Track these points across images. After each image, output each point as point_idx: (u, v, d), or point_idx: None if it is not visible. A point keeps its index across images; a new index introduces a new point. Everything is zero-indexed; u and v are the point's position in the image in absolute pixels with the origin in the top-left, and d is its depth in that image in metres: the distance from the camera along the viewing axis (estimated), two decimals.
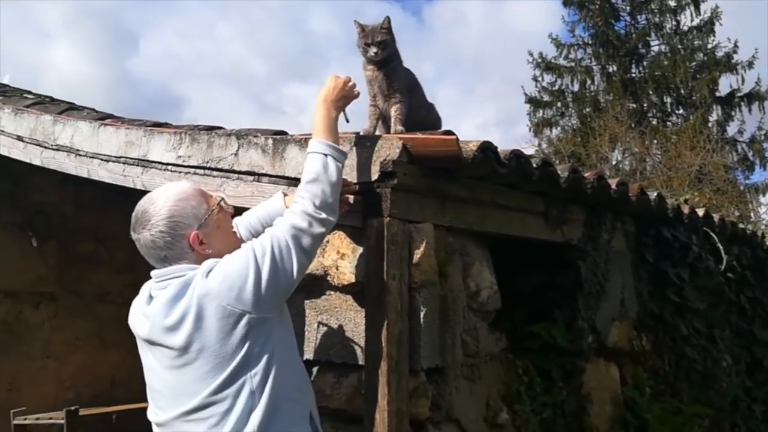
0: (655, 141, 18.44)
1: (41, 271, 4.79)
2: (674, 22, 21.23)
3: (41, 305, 4.80)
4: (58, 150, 3.44)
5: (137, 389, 2.07)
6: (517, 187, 2.77)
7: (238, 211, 2.35)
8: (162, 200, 1.94)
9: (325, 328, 2.41)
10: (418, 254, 2.30)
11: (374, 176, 2.25)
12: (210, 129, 2.83)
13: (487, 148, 2.34)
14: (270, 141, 2.54)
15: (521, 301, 3.20)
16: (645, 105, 21.50)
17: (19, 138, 3.64)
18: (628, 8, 21.74)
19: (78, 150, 3.31)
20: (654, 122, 20.65)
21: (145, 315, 1.90)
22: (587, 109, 21.07)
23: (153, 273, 1.96)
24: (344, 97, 2.26)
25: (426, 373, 2.33)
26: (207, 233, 1.94)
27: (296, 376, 1.96)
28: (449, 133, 2.30)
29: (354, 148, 2.32)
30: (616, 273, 3.49)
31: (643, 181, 13.91)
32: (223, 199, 2.09)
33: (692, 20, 20.74)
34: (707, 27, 20.49)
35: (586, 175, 3.06)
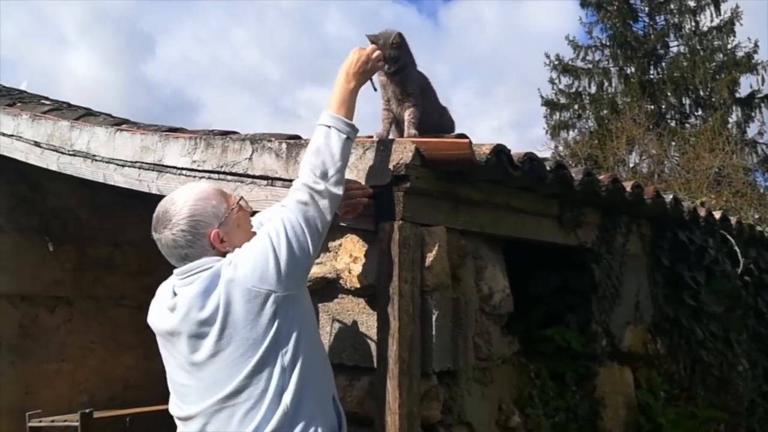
0: (674, 143, 18.29)
1: (57, 275, 4.84)
2: (693, 23, 21.08)
3: (57, 309, 4.85)
4: (74, 155, 3.48)
5: (151, 392, 2.10)
6: (531, 190, 2.77)
7: (252, 215, 2.38)
8: (182, 200, 1.98)
9: (337, 329, 2.43)
10: (430, 257, 2.31)
11: (387, 180, 2.26)
12: (224, 134, 2.86)
13: (500, 151, 2.34)
14: (284, 146, 2.56)
15: (535, 305, 3.19)
16: (663, 107, 21.36)
17: (37, 144, 3.69)
18: (646, 9, 21.63)
19: (94, 155, 3.35)
20: (672, 124, 20.49)
21: (170, 308, 1.92)
22: (604, 112, 20.95)
23: (176, 270, 1.99)
24: (366, 70, 2.27)
25: (438, 376, 2.34)
26: (227, 231, 1.98)
27: (321, 355, 2.03)
28: (462, 136, 2.31)
29: (367, 152, 2.33)
30: (631, 276, 3.47)
31: (660, 183, 13.82)
32: (242, 198, 2.12)
33: (712, 20, 20.60)
34: (727, 27, 20.31)
35: (601, 177, 3.05)
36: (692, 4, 20.85)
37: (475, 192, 2.53)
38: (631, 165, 18.18)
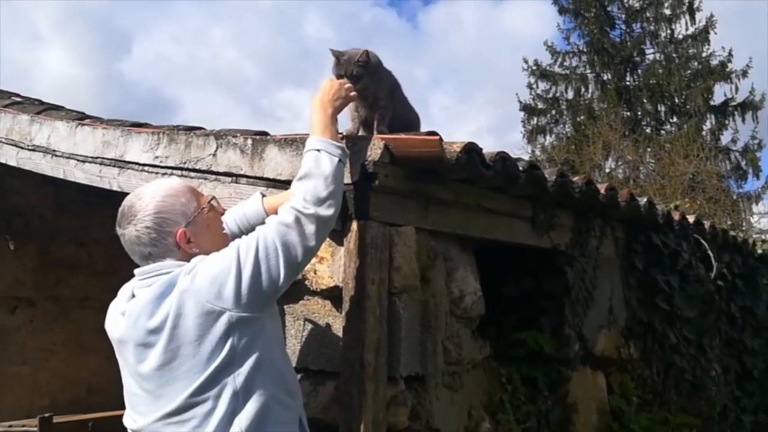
0: (649, 149, 18.45)
1: (18, 275, 4.67)
2: (669, 31, 21.28)
3: (18, 310, 4.67)
4: (34, 150, 3.36)
5: (115, 396, 2.00)
6: (503, 190, 2.71)
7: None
8: (150, 195, 1.88)
9: (302, 332, 2.34)
10: (398, 258, 2.24)
11: (355, 177, 2.18)
12: (190, 129, 2.76)
13: (471, 149, 2.28)
14: (249, 141, 2.48)
15: (508, 308, 3.13)
16: (639, 113, 21.53)
17: None
18: (623, 16, 21.80)
19: (54, 150, 3.23)
20: (648, 130, 20.68)
21: (123, 313, 1.82)
22: (581, 117, 21.07)
23: (137, 270, 1.89)
24: (340, 97, 2.16)
25: (405, 381, 2.26)
26: (195, 232, 1.87)
27: (287, 379, 1.89)
28: (433, 134, 2.24)
29: None
30: (604, 280, 3.43)
31: (636, 188, 13.89)
32: (214, 197, 2.01)
33: (687, 29, 20.82)
34: (702, 35, 20.54)
35: (575, 179, 3.00)
36: (668, 12, 21.07)
37: (446, 192, 2.46)
38: (607, 171, 18.30)
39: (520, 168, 2.58)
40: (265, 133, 2.57)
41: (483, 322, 3.02)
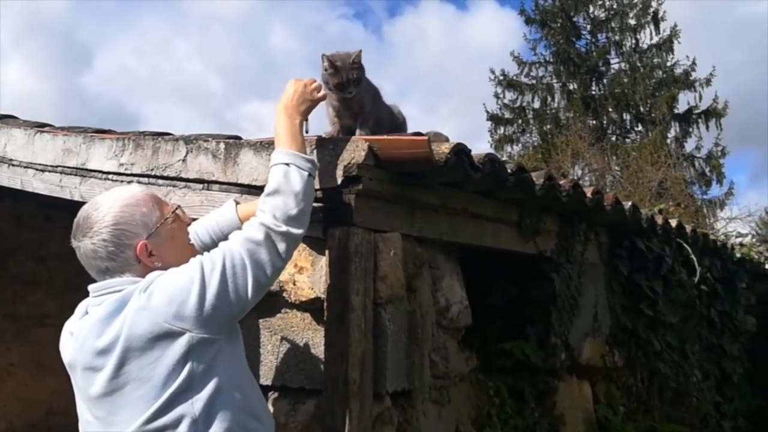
0: (615, 157, 18.62)
1: None
2: (634, 41, 21.57)
3: None
4: None
5: (77, 418, 1.83)
6: (491, 195, 2.60)
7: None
8: (107, 205, 1.72)
9: (279, 347, 2.19)
10: (384, 267, 2.11)
11: (337, 181, 2.05)
12: (158, 135, 2.60)
13: (460, 150, 2.16)
14: (222, 146, 2.33)
15: (493, 317, 3.02)
16: (605, 122, 21.76)
17: None
18: (589, 27, 22.05)
19: (11, 160, 3.04)
20: (614, 139, 20.89)
21: (71, 333, 1.67)
22: (548, 126, 21.22)
23: (90, 287, 1.73)
24: (306, 100, 2.01)
25: (391, 397, 2.13)
26: (157, 244, 1.72)
27: (251, 402, 1.73)
28: (419, 134, 2.12)
29: (315, 152, 2.11)
30: (589, 286, 3.34)
31: None
32: (179, 207, 1.86)
33: (651, 38, 21.11)
34: (666, 45, 20.84)
35: (561, 182, 2.91)
36: (633, 22, 21.36)
37: (432, 196, 2.35)
38: (575, 178, 18.41)
39: (509, 170, 2.48)
40: (238, 138, 2.43)
41: (468, 332, 2.91)
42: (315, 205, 2.05)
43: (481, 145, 21.56)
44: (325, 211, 2.07)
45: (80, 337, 1.64)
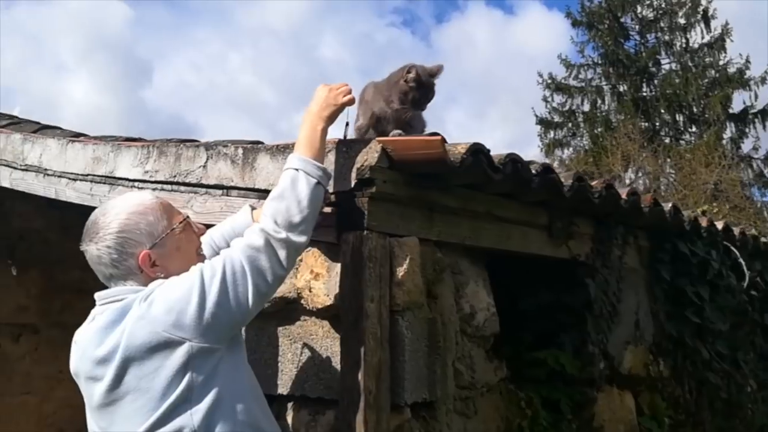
0: (669, 159, 18.13)
1: (22, 301, 4.51)
2: (684, 40, 21.09)
3: (21, 338, 4.51)
4: (26, 170, 3.21)
5: None
6: (516, 197, 2.51)
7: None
8: (114, 212, 1.71)
9: (299, 356, 2.14)
10: (401, 272, 2.03)
11: (350, 184, 2.00)
12: (180, 142, 2.60)
13: (477, 150, 2.08)
14: (240, 151, 2.30)
15: (525, 324, 2.91)
16: (657, 124, 21.27)
17: None
18: (637, 27, 21.63)
19: (46, 169, 3.08)
20: (667, 141, 20.37)
21: (75, 341, 1.67)
22: (599, 129, 20.85)
23: (96, 295, 1.72)
24: (330, 105, 1.96)
25: (412, 408, 2.05)
26: (162, 254, 1.69)
27: (253, 414, 1.68)
28: (435, 134, 2.04)
29: (328, 154, 2.06)
30: (629, 292, 3.20)
31: None
32: (188, 217, 1.83)
33: (702, 37, 20.61)
34: (718, 44, 20.29)
35: (594, 183, 2.79)
36: (682, 21, 20.87)
37: (452, 199, 2.26)
38: (627, 182, 17.99)
39: (533, 171, 2.38)
40: (257, 143, 2.40)
41: (498, 341, 2.82)
42: (327, 209, 2.01)
43: (531, 150, 21.26)
44: (339, 215, 2.02)
45: (82, 346, 1.64)
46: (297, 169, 1.81)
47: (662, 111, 20.92)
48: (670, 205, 3.28)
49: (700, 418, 3.50)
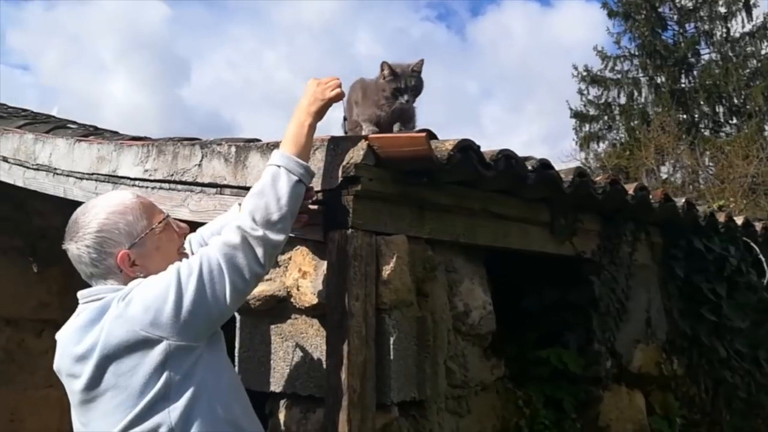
0: (708, 152, 17.72)
1: (44, 297, 4.62)
2: (725, 29, 20.56)
3: (44, 333, 4.59)
4: (38, 170, 3.27)
5: None
6: (514, 193, 2.47)
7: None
8: (94, 211, 1.75)
9: (290, 354, 2.14)
10: (387, 270, 2.02)
11: (336, 182, 1.99)
12: (178, 141, 2.62)
13: (466, 147, 2.05)
14: (233, 149, 2.31)
15: (531, 323, 2.87)
16: (696, 116, 20.80)
17: (5, 159, 3.50)
18: (675, 17, 21.17)
19: (55, 169, 3.14)
20: (706, 133, 19.92)
21: (57, 340, 1.70)
22: (635, 122, 20.47)
23: (78, 294, 1.75)
24: (318, 100, 1.93)
25: (400, 407, 2.03)
26: (141, 253, 1.71)
27: (232, 412, 1.69)
28: (424, 131, 2.02)
29: (317, 152, 2.05)
30: (640, 289, 3.13)
31: (693, 193, 13.30)
32: (168, 216, 1.84)
33: (744, 26, 20.05)
34: (760, 32, 19.76)
35: (597, 179, 2.73)
36: (723, 10, 20.35)
37: (444, 196, 2.24)
38: (664, 177, 17.66)
39: (529, 167, 2.34)
40: (255, 140, 2.40)
41: (502, 340, 2.78)
42: (313, 207, 2.01)
43: (568, 144, 21.00)
44: (326, 213, 2.01)
45: (62, 344, 1.67)
46: (279, 166, 1.80)
47: (701, 102, 20.45)
48: (683, 200, 3.19)
49: (717, 417, 3.41)
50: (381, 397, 1.97)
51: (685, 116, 20.32)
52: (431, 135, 2.07)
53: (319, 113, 1.94)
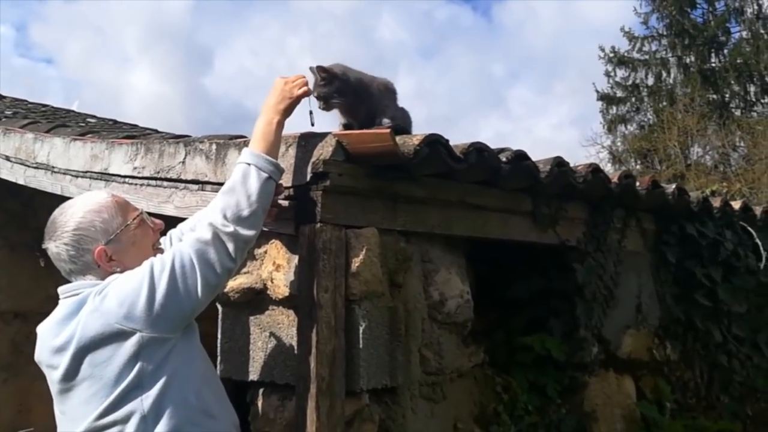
0: (739, 132, 17.40)
1: (51, 291, 4.73)
2: (756, 6, 20.13)
3: None
4: (37, 168, 3.39)
5: None
6: (494, 184, 2.50)
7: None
8: (71, 211, 1.84)
9: (267, 344, 2.22)
10: (357, 263, 2.07)
11: (305, 178, 2.05)
12: (164, 138, 2.70)
13: (434, 141, 2.09)
14: (213, 146, 2.38)
15: (519, 310, 2.91)
16: (727, 95, 20.41)
17: (7, 158, 3.63)
18: None
19: (53, 167, 3.25)
20: (737, 113, 19.55)
21: (37, 333, 1.80)
22: (663, 104, 20.17)
23: (59, 289, 1.85)
24: (285, 98, 2.00)
25: (372, 394, 2.10)
26: (118, 249, 1.80)
27: (204, 400, 1.77)
28: (389, 127, 2.07)
29: (289, 149, 2.11)
30: (629, 276, 3.14)
31: (719, 175, 13.10)
32: (142, 212, 1.93)
33: None
34: None
35: (578, 167, 2.75)
36: None
37: (418, 189, 2.28)
38: (695, 157, 17.38)
39: (504, 159, 2.37)
40: (238, 137, 2.47)
41: (491, 326, 2.83)
42: (284, 203, 2.07)
43: (594, 125, 20.79)
44: (296, 208, 2.07)
45: (42, 336, 1.76)
46: (249, 164, 1.87)
47: (731, 82, 20.08)
48: (673, 186, 3.19)
49: (713, 402, 3.42)
50: (351, 385, 2.03)
51: (715, 96, 19.97)
52: (399, 131, 2.12)
53: (287, 111, 2.01)
